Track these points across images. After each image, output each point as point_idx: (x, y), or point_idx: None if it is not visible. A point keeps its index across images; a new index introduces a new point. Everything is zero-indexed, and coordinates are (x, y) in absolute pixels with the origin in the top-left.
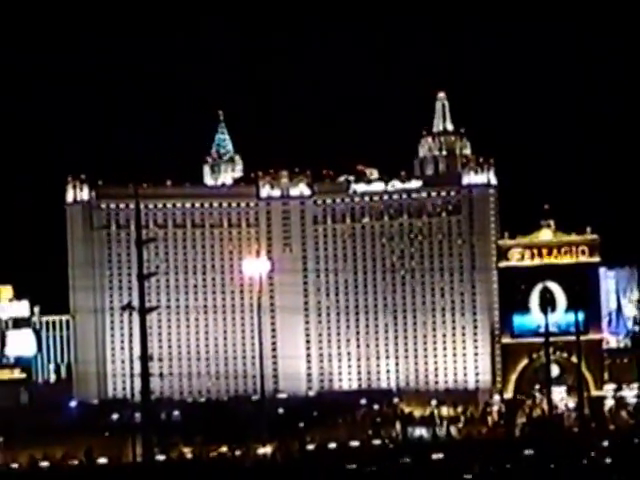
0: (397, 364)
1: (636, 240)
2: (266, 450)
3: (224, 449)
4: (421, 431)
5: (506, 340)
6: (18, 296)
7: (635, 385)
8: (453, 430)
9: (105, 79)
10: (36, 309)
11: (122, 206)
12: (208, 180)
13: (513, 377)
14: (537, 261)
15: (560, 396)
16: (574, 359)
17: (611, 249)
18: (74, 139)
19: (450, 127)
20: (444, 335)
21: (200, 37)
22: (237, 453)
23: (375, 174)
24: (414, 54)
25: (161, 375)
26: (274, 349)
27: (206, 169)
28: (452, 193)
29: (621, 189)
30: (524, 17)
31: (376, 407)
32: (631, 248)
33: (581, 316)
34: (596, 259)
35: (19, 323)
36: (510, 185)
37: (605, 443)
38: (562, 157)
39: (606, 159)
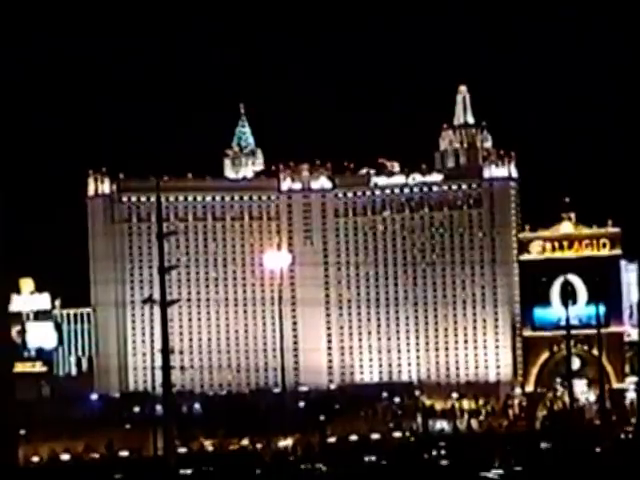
0: (418, 357)
1: None
2: (287, 443)
3: (245, 442)
4: (442, 424)
5: (527, 333)
6: (39, 289)
7: None
8: (474, 423)
9: (126, 72)
10: (57, 302)
11: (143, 199)
12: (229, 173)
13: (534, 370)
14: (558, 254)
15: (581, 389)
16: (595, 352)
17: (632, 242)
18: (95, 132)
19: (471, 120)
20: (465, 328)
21: (220, 31)
22: (258, 446)
23: (396, 167)
24: (435, 47)
25: (182, 368)
26: (295, 342)
27: (227, 162)
28: (473, 186)
29: None
30: (545, 8)
31: (397, 400)
32: None
33: (602, 309)
34: (617, 252)
35: (40, 316)
36: (531, 178)
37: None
38: (583, 149)
39: (629, 152)
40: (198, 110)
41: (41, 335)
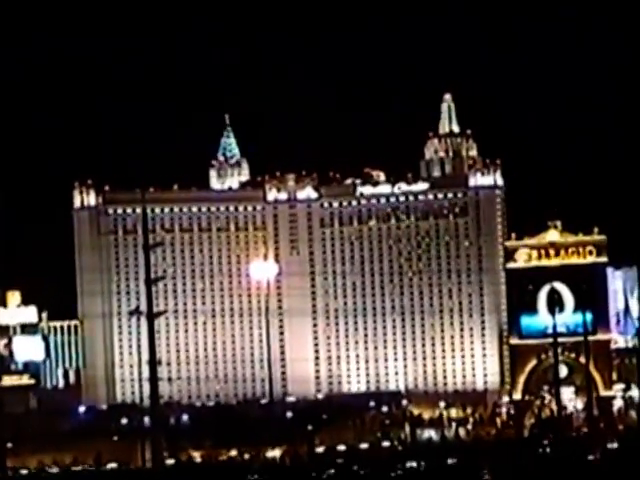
0: (405, 366)
1: None
2: (275, 453)
3: (233, 453)
4: (430, 433)
5: (514, 341)
6: (26, 302)
7: None
8: (462, 432)
9: (110, 83)
10: (44, 315)
11: (129, 211)
12: (215, 184)
13: (521, 378)
14: (544, 262)
15: (569, 397)
16: (582, 359)
17: (618, 249)
18: (80, 144)
19: (456, 129)
20: (452, 337)
21: (202, 40)
22: (246, 457)
23: (382, 176)
24: (420, 56)
25: (170, 379)
26: (282, 352)
27: (212, 173)
28: (459, 195)
29: (628, 189)
30: (529, 16)
31: (385, 409)
32: (638, 248)
33: (589, 316)
34: (603, 259)
35: (27, 329)
36: (517, 186)
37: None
38: (569, 157)
39: (613, 159)
40: (183, 121)
41: (28, 348)
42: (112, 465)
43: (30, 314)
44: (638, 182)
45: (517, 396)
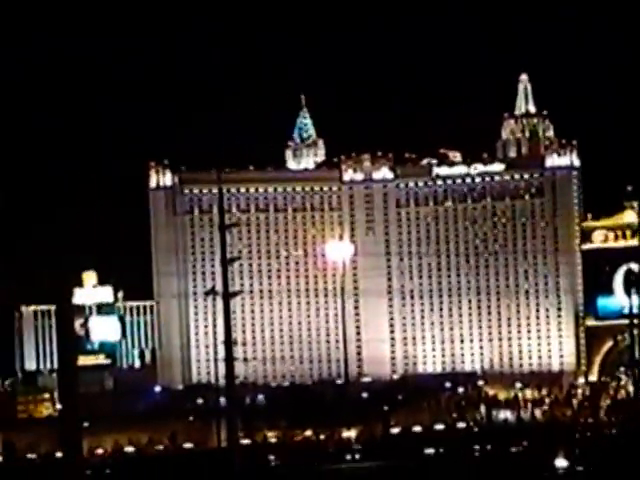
0: (481, 347)
1: None
2: (350, 434)
3: (308, 433)
4: (506, 414)
5: (590, 322)
6: (102, 282)
7: None
8: (538, 413)
9: (186, 65)
10: (120, 294)
11: (205, 191)
12: (291, 164)
13: (597, 359)
14: (621, 243)
15: None
16: None
17: None
18: (157, 125)
19: (533, 109)
20: (528, 317)
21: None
22: (321, 437)
23: (458, 157)
24: (496, 36)
25: (245, 360)
26: (358, 333)
27: (288, 153)
28: (535, 175)
29: None
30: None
31: (460, 390)
32: None
33: None
34: None
35: (103, 309)
36: (593, 167)
37: None
38: None
39: None
40: (260, 102)
41: (104, 328)
42: (188, 445)
43: (106, 294)
44: None
45: (593, 377)
